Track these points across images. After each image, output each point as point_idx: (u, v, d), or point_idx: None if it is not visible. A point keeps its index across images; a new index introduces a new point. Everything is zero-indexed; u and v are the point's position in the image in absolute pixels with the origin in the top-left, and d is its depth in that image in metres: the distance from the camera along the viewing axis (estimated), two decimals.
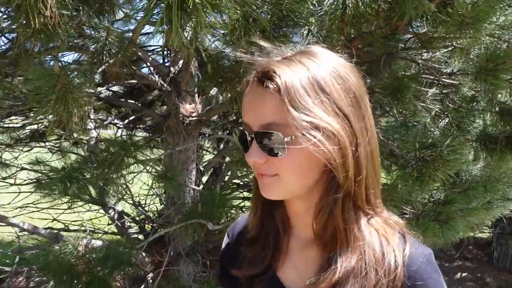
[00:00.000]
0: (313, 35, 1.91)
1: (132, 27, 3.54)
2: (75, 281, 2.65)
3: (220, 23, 1.33)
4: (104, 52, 1.62)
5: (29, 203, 4.10)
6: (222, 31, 1.66)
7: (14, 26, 1.59)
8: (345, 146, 0.85)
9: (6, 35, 2.10)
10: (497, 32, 2.07)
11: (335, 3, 1.77)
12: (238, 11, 1.29)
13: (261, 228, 1.05)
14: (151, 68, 3.45)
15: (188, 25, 1.30)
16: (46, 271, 2.70)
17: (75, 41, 1.84)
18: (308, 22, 1.89)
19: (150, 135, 5.16)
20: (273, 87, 0.83)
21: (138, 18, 1.69)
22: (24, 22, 1.36)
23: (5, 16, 1.65)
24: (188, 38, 1.42)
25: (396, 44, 2.66)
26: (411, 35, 2.56)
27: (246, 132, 0.89)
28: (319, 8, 1.88)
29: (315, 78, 0.85)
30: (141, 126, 5.15)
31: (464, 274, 6.07)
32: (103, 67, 1.85)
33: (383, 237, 0.90)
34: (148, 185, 3.47)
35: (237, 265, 1.06)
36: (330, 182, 0.89)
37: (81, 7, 1.65)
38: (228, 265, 1.10)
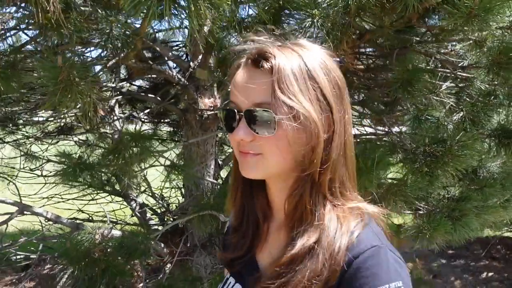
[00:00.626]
0: (317, 28, 1.91)
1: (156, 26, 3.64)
2: (93, 268, 2.75)
3: (212, 15, 1.37)
4: (110, 46, 1.68)
5: (55, 194, 4.27)
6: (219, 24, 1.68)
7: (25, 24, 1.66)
8: (319, 134, 0.90)
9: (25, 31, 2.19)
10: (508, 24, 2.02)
11: None
12: (228, 2, 1.31)
13: (241, 217, 1.10)
14: (170, 63, 3.52)
15: (181, 16, 1.34)
16: (64, 258, 2.82)
17: (86, 35, 1.91)
18: (312, 14, 1.90)
19: (174, 129, 5.26)
20: (267, 67, 0.89)
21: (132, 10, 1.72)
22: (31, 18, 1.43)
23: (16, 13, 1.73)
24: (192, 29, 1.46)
25: (410, 38, 2.63)
26: (425, 29, 2.53)
27: (235, 110, 0.93)
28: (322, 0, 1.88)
29: (306, 66, 0.91)
30: (165, 120, 5.26)
31: (490, 274, 5.92)
32: (113, 61, 1.91)
33: (340, 223, 0.92)
34: (167, 178, 3.55)
35: (223, 250, 1.16)
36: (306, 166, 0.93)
37: (89, 3, 1.72)
38: (223, 246, 1.20)
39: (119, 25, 1.66)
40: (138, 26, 2.89)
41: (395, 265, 0.88)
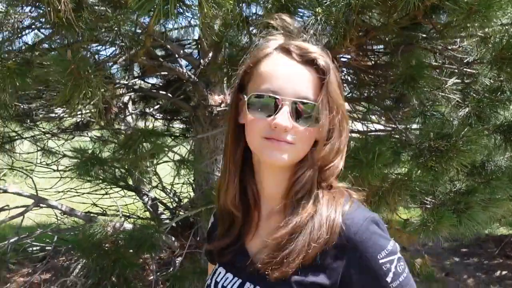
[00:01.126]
0: (320, 25, 1.95)
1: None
2: (104, 259, 2.84)
3: (216, 13, 1.42)
4: (119, 43, 1.75)
5: (70, 188, 4.38)
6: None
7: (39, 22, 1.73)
8: (342, 130, 1.04)
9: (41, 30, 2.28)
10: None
11: None
12: (231, 1, 1.37)
13: (234, 205, 1.12)
14: (180, 60, 3.60)
15: (186, 15, 1.40)
16: (77, 249, 2.91)
17: (97, 34, 1.97)
18: (315, 12, 1.94)
19: (187, 126, 5.34)
20: (320, 68, 0.99)
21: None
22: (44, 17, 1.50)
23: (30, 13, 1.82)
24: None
25: (416, 34, 2.65)
26: (431, 25, 2.54)
27: (278, 97, 0.98)
28: None
29: (336, 72, 1.03)
30: (178, 117, 5.34)
31: (504, 272, 5.86)
32: (123, 58, 1.98)
33: (332, 197, 1.03)
34: (177, 172, 3.63)
35: (212, 240, 1.18)
36: (312, 157, 1.02)
37: (99, 2, 1.79)
38: (208, 241, 1.23)
39: (128, 23, 1.73)
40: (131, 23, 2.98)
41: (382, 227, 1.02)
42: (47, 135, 4.53)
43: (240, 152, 1.09)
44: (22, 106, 3.85)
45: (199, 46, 3.47)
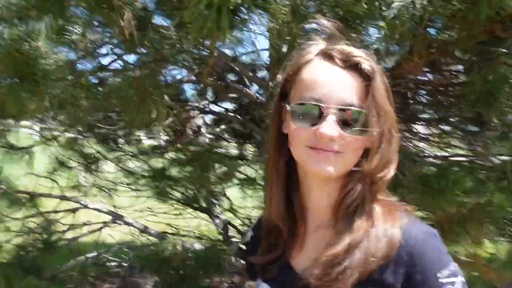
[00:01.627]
0: (385, 40, 1.89)
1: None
2: (172, 277, 2.90)
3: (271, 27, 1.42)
4: (182, 62, 1.81)
5: (147, 208, 4.58)
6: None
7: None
8: (392, 139, 0.98)
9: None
10: None
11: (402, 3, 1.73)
12: (284, 12, 1.35)
13: (280, 218, 1.07)
14: (251, 84, 3.66)
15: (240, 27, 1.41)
16: (148, 265, 3.00)
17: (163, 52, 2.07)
18: (380, 27, 1.88)
19: (259, 149, 5.38)
20: (364, 72, 0.95)
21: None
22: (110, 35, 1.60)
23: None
24: None
25: (496, 50, 2.46)
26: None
27: (322, 105, 0.94)
28: (388, 11, 1.86)
29: (383, 76, 0.98)
30: (251, 141, 5.40)
31: None
32: (187, 77, 2.04)
33: (387, 213, 0.97)
34: (243, 192, 3.66)
35: (256, 253, 1.13)
36: (362, 168, 0.97)
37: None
38: (249, 255, 1.17)
39: (191, 42, 1.78)
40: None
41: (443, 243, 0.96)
42: (127, 156, 4.78)
43: (283, 162, 1.06)
44: (106, 129, 4.12)
45: (269, 68, 3.50)
